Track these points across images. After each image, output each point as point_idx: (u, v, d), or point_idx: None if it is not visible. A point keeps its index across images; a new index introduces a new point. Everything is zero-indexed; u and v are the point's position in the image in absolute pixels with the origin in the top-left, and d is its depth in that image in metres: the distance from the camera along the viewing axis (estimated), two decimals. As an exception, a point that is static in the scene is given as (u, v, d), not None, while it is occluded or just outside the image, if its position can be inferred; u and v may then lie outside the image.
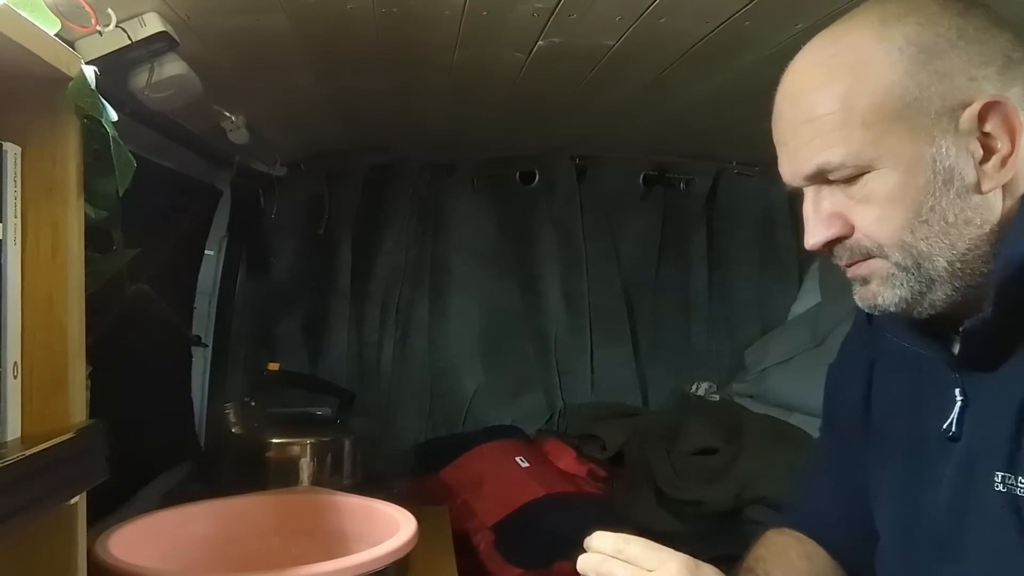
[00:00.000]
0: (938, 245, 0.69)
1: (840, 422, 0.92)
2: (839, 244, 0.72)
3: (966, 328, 0.70)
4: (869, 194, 0.70)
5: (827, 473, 0.94)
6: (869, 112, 0.68)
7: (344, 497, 1.24)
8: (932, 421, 0.75)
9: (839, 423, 0.93)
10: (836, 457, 0.92)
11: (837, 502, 0.91)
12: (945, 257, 0.69)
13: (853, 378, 0.89)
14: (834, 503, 0.91)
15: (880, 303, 0.72)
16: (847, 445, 0.90)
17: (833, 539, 0.92)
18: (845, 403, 0.90)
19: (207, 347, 1.89)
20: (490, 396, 2.17)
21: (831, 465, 0.94)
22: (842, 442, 0.91)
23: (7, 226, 0.69)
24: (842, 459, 0.91)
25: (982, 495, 0.69)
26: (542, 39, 1.16)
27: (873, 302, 0.73)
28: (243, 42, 1.12)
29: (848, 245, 0.72)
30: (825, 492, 0.93)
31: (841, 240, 0.72)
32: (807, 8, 1.03)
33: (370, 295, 2.13)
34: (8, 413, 0.69)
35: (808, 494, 0.97)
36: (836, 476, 0.92)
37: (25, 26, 0.64)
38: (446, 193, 2.17)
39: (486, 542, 1.58)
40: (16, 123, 0.71)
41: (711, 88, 1.42)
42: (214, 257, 1.91)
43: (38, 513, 0.64)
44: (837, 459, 0.92)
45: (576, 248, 2.20)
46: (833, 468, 0.93)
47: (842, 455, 0.91)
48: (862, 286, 0.74)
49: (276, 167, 1.90)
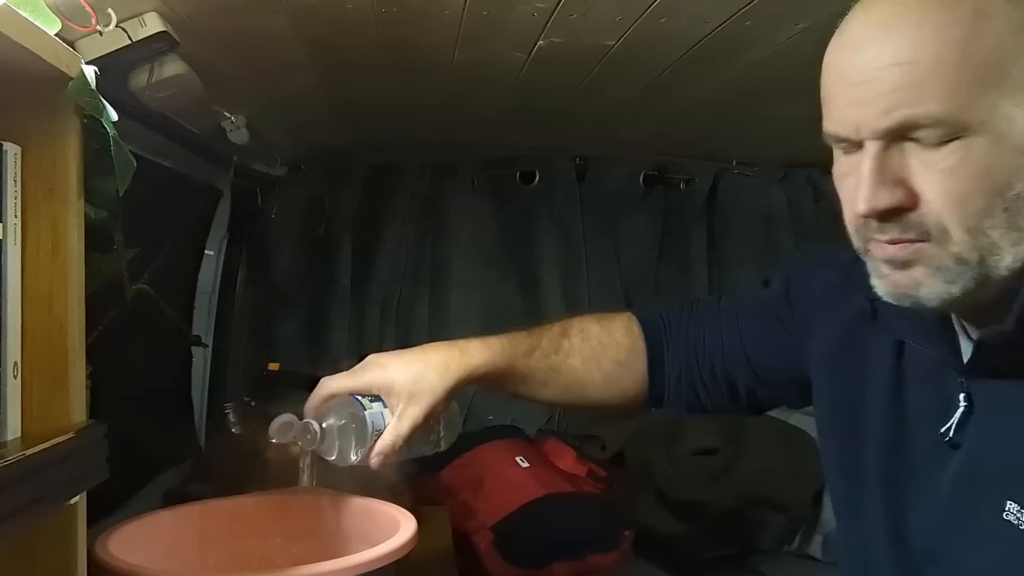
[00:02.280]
0: (1009, 239, 0.60)
1: (796, 332, 0.88)
2: (894, 217, 0.62)
3: (982, 339, 0.65)
4: (955, 164, 0.59)
5: (730, 318, 0.94)
6: (986, 68, 0.58)
7: (344, 497, 1.24)
8: (928, 422, 0.70)
9: (794, 327, 0.89)
10: (768, 328, 0.91)
11: (712, 340, 0.93)
12: (1012, 255, 0.60)
13: (825, 335, 0.83)
14: (709, 337, 0.94)
15: (921, 295, 0.63)
16: (794, 348, 0.87)
17: (674, 351, 0.96)
18: (810, 341, 0.86)
19: (207, 347, 1.89)
20: (490, 396, 2.16)
21: (742, 321, 0.93)
22: (785, 334, 0.89)
23: (7, 226, 0.69)
24: (775, 338, 0.90)
25: (986, 518, 0.63)
26: (542, 39, 1.16)
27: (911, 292, 0.63)
28: (243, 42, 1.12)
29: (906, 220, 0.61)
30: (711, 324, 0.95)
31: (899, 212, 0.61)
32: (807, 8, 1.03)
33: (370, 295, 2.13)
34: (8, 413, 0.69)
35: (692, 311, 0.98)
36: (736, 331, 0.93)
37: (25, 26, 0.64)
38: (446, 193, 2.17)
39: (486, 542, 1.58)
40: (16, 123, 0.71)
41: (711, 88, 1.42)
42: (214, 257, 1.91)
43: (38, 513, 0.64)
44: (769, 332, 0.91)
45: (576, 248, 2.20)
46: (742, 327, 0.93)
47: (778, 337, 0.90)
48: (898, 270, 0.64)
49: (276, 167, 1.90)
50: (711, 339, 0.95)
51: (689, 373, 0.96)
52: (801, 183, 2.26)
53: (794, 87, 1.39)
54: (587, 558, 1.57)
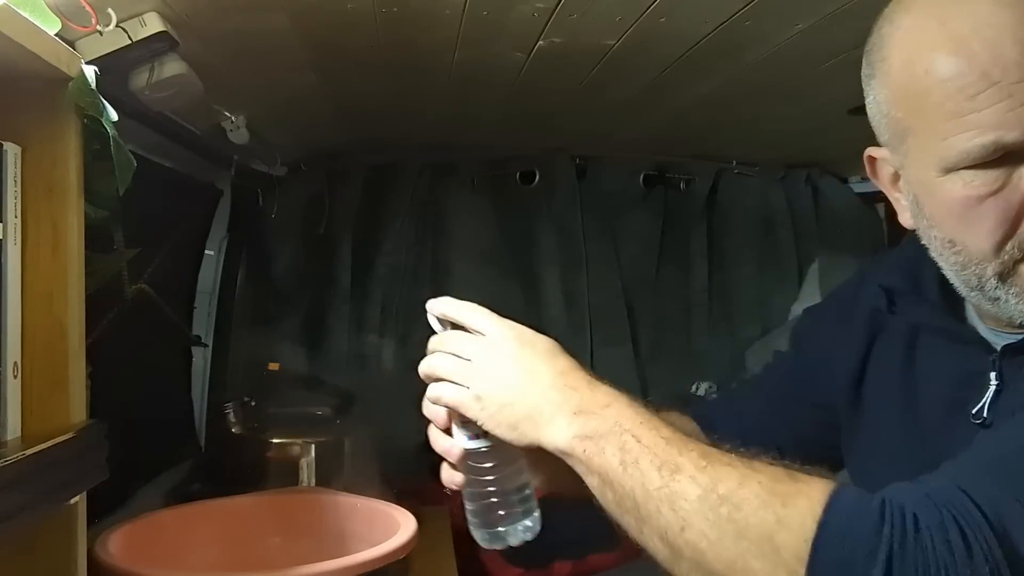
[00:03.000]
0: None
1: (811, 373, 0.88)
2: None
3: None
4: None
5: (766, 395, 0.92)
6: None
7: (344, 497, 1.25)
8: (958, 403, 0.70)
9: (808, 369, 0.89)
10: (786, 388, 0.90)
11: (759, 426, 0.88)
12: None
13: (846, 344, 0.83)
14: (757, 424, 0.89)
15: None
16: (811, 390, 0.87)
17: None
18: (831, 364, 0.85)
19: (207, 347, 1.89)
20: (490, 396, 2.16)
21: (776, 391, 0.91)
22: (802, 384, 0.88)
23: (7, 226, 0.69)
24: (794, 395, 0.88)
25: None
26: (542, 39, 1.16)
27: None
28: (243, 42, 1.12)
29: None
30: (753, 412, 0.91)
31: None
32: (807, 8, 1.03)
33: (370, 295, 2.12)
34: (8, 413, 0.69)
35: (732, 402, 0.95)
36: (775, 406, 0.90)
37: (25, 26, 0.64)
38: (446, 193, 2.17)
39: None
40: (16, 123, 0.71)
41: (711, 88, 1.42)
42: (214, 257, 1.91)
43: (38, 513, 0.64)
44: (787, 391, 0.90)
45: (576, 248, 2.20)
46: (778, 395, 0.90)
47: (796, 393, 0.88)
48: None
49: (276, 167, 1.90)
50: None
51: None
52: (801, 183, 2.26)
53: (794, 87, 1.40)
54: (588, 557, 1.57)
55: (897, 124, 0.66)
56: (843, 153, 2.06)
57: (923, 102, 0.61)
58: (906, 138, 0.65)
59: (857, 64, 0.78)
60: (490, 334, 0.73)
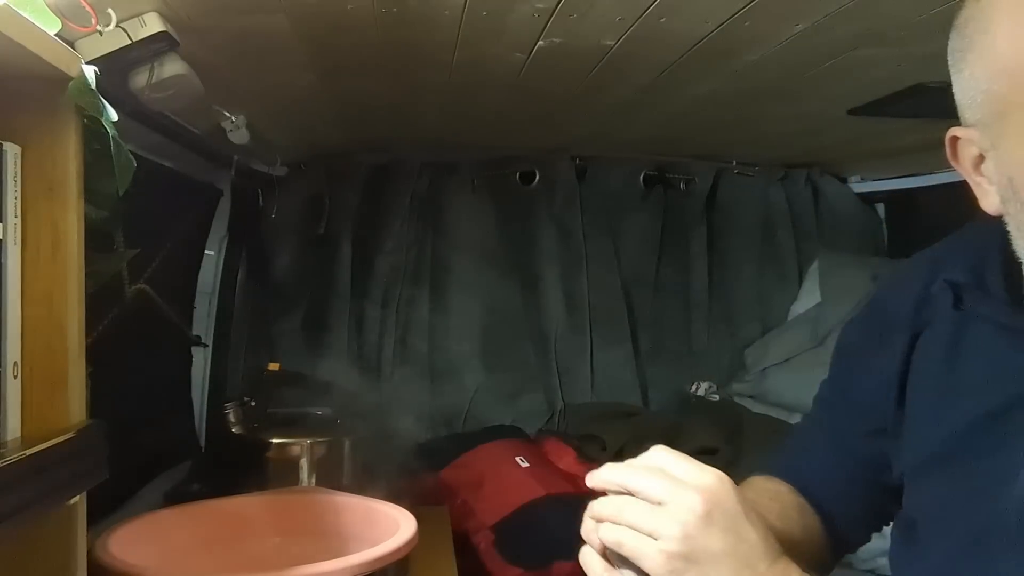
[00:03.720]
0: None
1: (859, 392, 0.85)
2: None
3: None
4: None
5: (825, 432, 0.89)
6: None
7: (344, 497, 1.25)
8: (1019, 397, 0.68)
9: (855, 392, 0.86)
10: (839, 421, 0.87)
11: (832, 464, 0.87)
12: None
13: (886, 349, 0.80)
14: (828, 464, 0.87)
15: None
16: (859, 413, 0.84)
17: (819, 495, 0.87)
18: (872, 373, 0.82)
19: (207, 347, 1.89)
20: (490, 396, 2.16)
21: (832, 426, 0.88)
22: (853, 408, 0.85)
23: (7, 226, 0.69)
24: (848, 425, 0.85)
25: None
26: (542, 39, 1.16)
27: None
28: (243, 42, 1.12)
29: None
30: (819, 451, 0.88)
31: None
32: (807, 8, 1.03)
33: (370, 295, 2.13)
34: (8, 413, 0.69)
35: (801, 449, 0.91)
36: (836, 439, 0.87)
37: (25, 26, 0.64)
38: (446, 193, 2.17)
39: (486, 542, 1.58)
40: (16, 123, 0.71)
41: (711, 88, 1.42)
42: (214, 257, 1.91)
43: (38, 513, 0.64)
44: (840, 423, 0.87)
45: (576, 248, 2.20)
46: (834, 430, 0.87)
47: (849, 421, 0.85)
48: None
49: (276, 167, 1.90)
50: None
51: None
52: (801, 183, 2.26)
53: (794, 87, 1.40)
54: (587, 558, 1.58)
55: (997, 100, 0.63)
56: (843, 153, 2.06)
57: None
58: (1008, 115, 0.62)
59: (857, 64, 0.77)
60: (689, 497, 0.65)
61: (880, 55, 1.18)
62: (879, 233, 2.33)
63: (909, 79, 1.31)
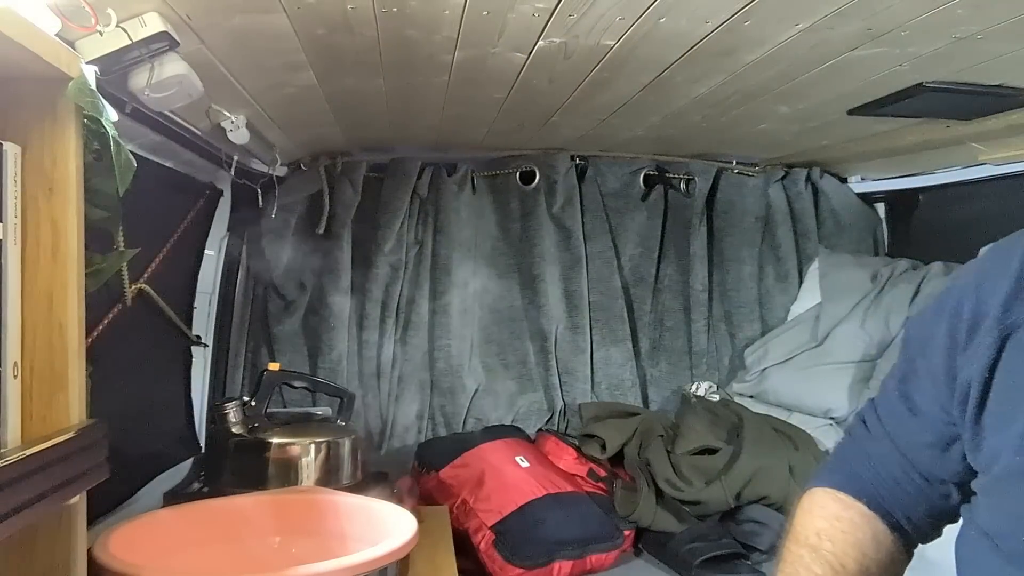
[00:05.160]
0: None
1: (929, 398, 0.82)
2: None
3: None
4: None
5: (892, 438, 0.86)
6: None
7: (344, 497, 1.24)
8: None
9: (926, 397, 0.82)
10: (907, 429, 0.84)
11: (899, 475, 0.84)
12: None
13: (969, 350, 0.77)
14: (895, 474, 0.84)
15: None
16: (929, 424, 0.81)
17: (887, 504, 0.85)
18: (949, 375, 0.79)
19: (207, 347, 1.89)
20: (490, 396, 2.17)
21: (901, 430, 0.85)
22: (924, 419, 0.82)
23: (7, 226, 0.69)
24: (917, 436, 0.82)
25: None
26: (542, 39, 1.16)
27: None
28: (243, 42, 1.12)
29: None
30: (887, 457, 0.85)
31: None
32: (807, 8, 1.03)
33: (370, 294, 2.13)
34: (8, 413, 0.69)
35: (863, 456, 0.88)
36: (902, 447, 0.84)
37: (25, 26, 0.64)
38: (446, 193, 2.17)
39: (486, 542, 1.58)
40: (16, 123, 0.71)
41: (711, 88, 1.42)
42: (214, 257, 1.91)
43: (38, 513, 0.64)
44: (908, 431, 0.84)
45: (576, 248, 2.20)
46: (903, 434, 0.84)
47: (919, 431, 0.82)
48: None
49: (276, 167, 1.90)
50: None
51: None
52: (801, 183, 2.26)
53: (794, 87, 1.40)
54: (587, 557, 1.57)
55: None
56: (843, 153, 2.06)
57: None
58: None
59: (857, 64, 0.76)
60: None
61: (880, 55, 1.18)
62: (879, 233, 2.33)
63: (909, 79, 1.31)
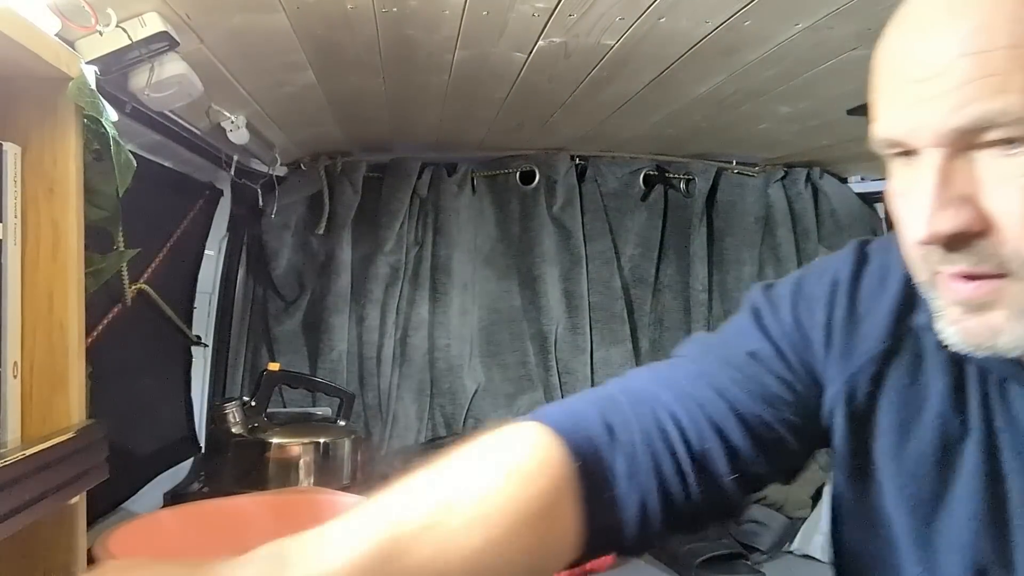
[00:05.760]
0: None
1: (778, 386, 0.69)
2: (962, 244, 0.51)
3: None
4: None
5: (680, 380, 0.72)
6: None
7: (344, 497, 1.25)
8: (1010, 465, 0.60)
9: (771, 383, 0.69)
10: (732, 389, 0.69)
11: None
12: None
13: (840, 359, 0.68)
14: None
15: (1000, 344, 0.52)
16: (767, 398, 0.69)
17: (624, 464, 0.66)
18: (803, 377, 0.69)
19: (207, 347, 1.90)
20: (490, 396, 2.17)
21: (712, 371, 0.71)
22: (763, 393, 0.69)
23: (7, 226, 0.69)
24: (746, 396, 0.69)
25: None
26: (542, 39, 1.16)
27: (987, 341, 0.52)
28: (243, 42, 1.12)
29: (979, 248, 0.51)
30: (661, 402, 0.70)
31: (968, 238, 0.51)
32: (807, 8, 1.03)
33: (370, 295, 2.13)
34: (8, 413, 0.69)
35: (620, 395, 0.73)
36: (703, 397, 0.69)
37: (25, 26, 0.64)
38: (446, 193, 2.17)
39: (486, 542, 1.58)
40: (16, 123, 0.72)
41: (711, 88, 1.42)
42: (214, 257, 1.91)
43: (38, 513, 0.64)
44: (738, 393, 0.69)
45: (576, 248, 2.20)
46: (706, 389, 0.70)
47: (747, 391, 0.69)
48: (972, 315, 0.52)
49: (276, 167, 1.90)
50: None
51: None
52: (801, 183, 2.26)
53: (794, 87, 1.40)
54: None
55: None
56: (843, 153, 2.06)
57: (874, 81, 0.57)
58: None
59: (857, 64, 0.76)
60: None
61: (880, 55, 1.18)
62: (879, 233, 2.33)
63: (909, 79, 1.31)
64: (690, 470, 0.67)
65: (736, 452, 0.68)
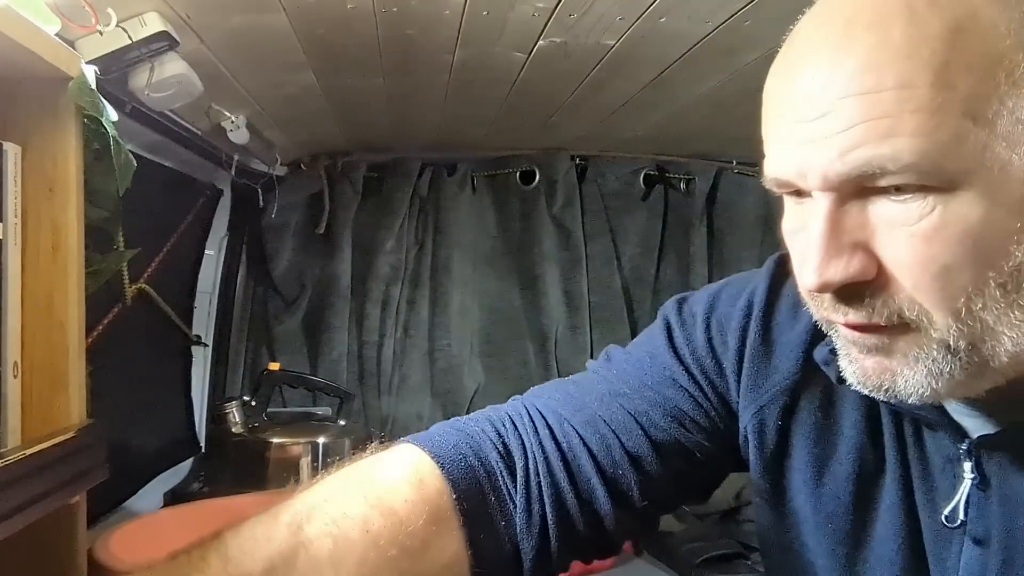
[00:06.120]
0: (1010, 319, 0.46)
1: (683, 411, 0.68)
2: (854, 293, 0.48)
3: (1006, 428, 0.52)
4: (932, 227, 0.45)
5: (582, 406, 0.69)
6: (972, 99, 0.44)
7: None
8: (922, 500, 0.58)
9: (676, 406, 0.68)
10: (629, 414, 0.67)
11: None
12: (1013, 340, 0.46)
13: (748, 393, 0.66)
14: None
15: (899, 388, 0.49)
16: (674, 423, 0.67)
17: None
18: (712, 408, 0.68)
19: (207, 347, 1.90)
20: (490, 396, 2.16)
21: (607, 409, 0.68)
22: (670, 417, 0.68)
23: (7, 226, 0.69)
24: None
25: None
26: (542, 39, 1.16)
27: (887, 384, 0.50)
28: (243, 42, 1.12)
29: (871, 297, 0.48)
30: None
31: (860, 287, 0.48)
32: (807, 8, 1.03)
33: (370, 294, 2.13)
34: (8, 413, 0.69)
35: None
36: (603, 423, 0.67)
37: (25, 26, 0.64)
38: (446, 193, 2.17)
39: (486, 542, 1.58)
40: (16, 123, 0.72)
41: (711, 88, 1.42)
42: (214, 257, 1.91)
43: (38, 513, 0.64)
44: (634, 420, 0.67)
45: (576, 248, 2.20)
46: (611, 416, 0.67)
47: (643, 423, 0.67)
48: (871, 355, 0.50)
49: (276, 167, 1.90)
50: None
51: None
52: (801, 183, 2.26)
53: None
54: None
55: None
56: (843, 153, 2.06)
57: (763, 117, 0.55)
58: None
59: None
60: None
61: (880, 55, 1.18)
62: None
63: (909, 79, 1.31)
64: (602, 495, 0.65)
65: (649, 477, 0.66)
